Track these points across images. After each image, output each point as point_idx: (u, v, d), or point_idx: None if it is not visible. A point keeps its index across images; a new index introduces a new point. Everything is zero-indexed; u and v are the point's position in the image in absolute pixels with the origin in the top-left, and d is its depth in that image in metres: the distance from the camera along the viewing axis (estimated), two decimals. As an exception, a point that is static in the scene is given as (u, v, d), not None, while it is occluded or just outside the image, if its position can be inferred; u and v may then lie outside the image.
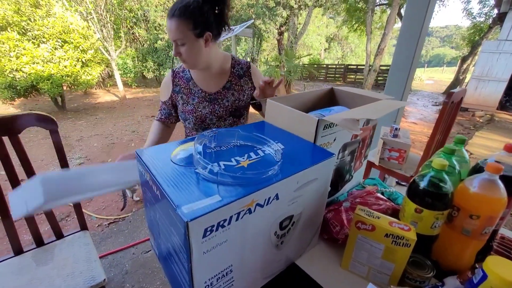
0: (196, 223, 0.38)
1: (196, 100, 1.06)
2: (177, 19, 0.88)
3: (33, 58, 4.95)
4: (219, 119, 1.09)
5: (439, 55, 46.08)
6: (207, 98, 1.06)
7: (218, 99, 1.07)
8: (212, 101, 1.07)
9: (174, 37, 0.91)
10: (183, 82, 1.07)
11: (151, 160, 0.53)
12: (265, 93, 0.97)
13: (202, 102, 1.06)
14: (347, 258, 0.62)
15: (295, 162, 0.54)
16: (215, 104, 1.07)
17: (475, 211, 0.54)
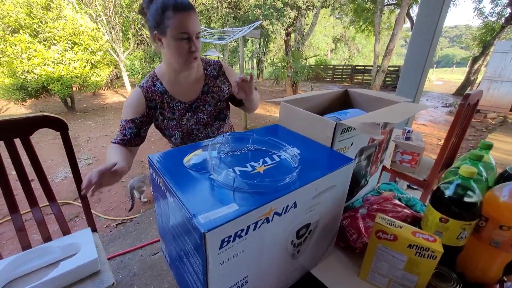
0: (214, 234, 0.36)
1: (177, 113, 0.99)
2: (194, 11, 0.84)
3: (44, 59, 5.04)
4: (205, 127, 1.03)
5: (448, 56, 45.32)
6: (188, 108, 1.00)
7: (200, 106, 1.01)
8: (195, 110, 1.01)
9: (197, 30, 0.86)
10: (157, 96, 0.96)
11: (164, 165, 0.51)
12: (244, 89, 0.91)
13: (184, 115, 1.00)
14: (365, 268, 0.59)
15: (313, 168, 0.52)
16: (198, 112, 1.01)
17: (506, 222, 0.50)
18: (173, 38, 0.84)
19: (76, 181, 1.10)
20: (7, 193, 0.99)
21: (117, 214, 2.27)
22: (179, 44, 0.85)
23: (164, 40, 0.86)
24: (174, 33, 0.83)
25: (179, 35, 0.83)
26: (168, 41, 0.85)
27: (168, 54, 0.90)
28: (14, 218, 1.04)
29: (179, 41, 0.85)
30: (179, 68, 0.93)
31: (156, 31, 0.86)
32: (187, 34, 0.84)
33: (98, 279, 0.96)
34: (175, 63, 0.91)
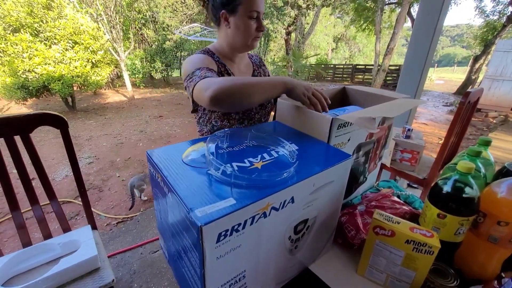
0: (210, 228, 0.36)
1: None
2: None
3: (45, 59, 5.05)
4: (261, 108, 1.02)
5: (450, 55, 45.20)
6: None
7: None
8: None
9: (263, 10, 0.87)
10: (220, 66, 0.94)
11: (162, 161, 0.51)
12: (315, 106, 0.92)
13: None
14: (363, 264, 0.60)
15: (311, 163, 0.52)
16: None
17: (504, 217, 0.50)
18: (243, 16, 0.85)
19: (76, 178, 1.11)
20: (7, 191, 0.99)
21: (117, 213, 2.28)
22: (248, 22, 0.87)
23: (232, 18, 0.87)
24: (246, 11, 0.84)
25: (250, 13, 0.85)
26: (237, 20, 0.86)
27: (234, 33, 0.90)
28: (15, 215, 1.04)
29: (249, 19, 0.86)
30: (241, 47, 0.94)
31: (224, 10, 0.86)
32: (257, 13, 0.86)
33: (98, 276, 0.97)
34: (239, 42, 0.92)
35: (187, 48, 10.07)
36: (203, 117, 0.98)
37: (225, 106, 0.68)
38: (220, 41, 0.96)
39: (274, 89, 0.70)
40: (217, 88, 0.64)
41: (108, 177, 2.96)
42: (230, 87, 0.65)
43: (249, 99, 0.67)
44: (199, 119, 1.01)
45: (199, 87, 0.71)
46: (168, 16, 8.22)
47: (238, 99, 0.66)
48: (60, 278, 0.91)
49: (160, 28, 8.99)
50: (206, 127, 1.00)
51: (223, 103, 0.66)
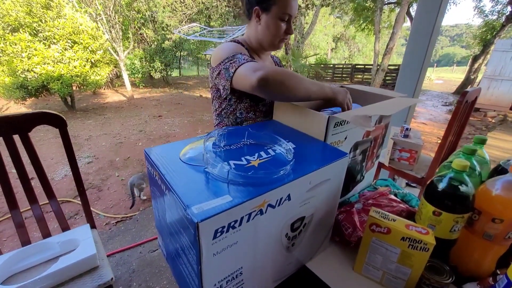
0: (207, 224, 0.36)
1: None
2: None
3: (44, 58, 5.04)
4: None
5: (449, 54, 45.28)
6: None
7: None
8: None
9: (295, 13, 0.88)
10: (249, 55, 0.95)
11: (160, 159, 0.52)
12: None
13: None
14: (360, 262, 0.60)
15: (307, 161, 0.52)
16: None
17: (498, 215, 0.51)
18: (275, 16, 0.86)
19: (75, 177, 1.11)
20: (6, 190, 1.00)
21: (116, 212, 2.28)
22: (279, 23, 0.87)
23: (264, 16, 0.88)
24: (279, 12, 0.85)
25: (282, 15, 0.86)
26: (269, 19, 0.87)
27: (263, 31, 0.90)
28: (14, 214, 1.04)
29: (280, 21, 0.87)
30: (268, 46, 0.94)
31: (258, 6, 0.86)
32: (288, 16, 0.87)
33: (96, 274, 0.97)
34: (266, 41, 0.92)
35: (186, 48, 10.07)
36: (227, 108, 0.97)
37: (269, 91, 0.68)
38: (248, 34, 0.97)
39: (319, 91, 0.72)
40: (269, 71, 0.66)
41: (107, 176, 2.96)
42: (281, 73, 0.67)
43: (294, 91, 0.67)
44: (220, 111, 0.99)
45: (246, 67, 0.72)
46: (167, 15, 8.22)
47: (285, 87, 0.67)
48: (59, 276, 0.92)
49: (160, 27, 8.99)
50: (228, 119, 0.99)
51: (270, 87, 0.66)
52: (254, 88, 0.68)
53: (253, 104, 0.94)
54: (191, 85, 10.73)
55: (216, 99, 1.00)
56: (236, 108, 0.95)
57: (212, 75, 0.91)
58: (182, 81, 11.60)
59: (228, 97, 0.95)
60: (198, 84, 11.03)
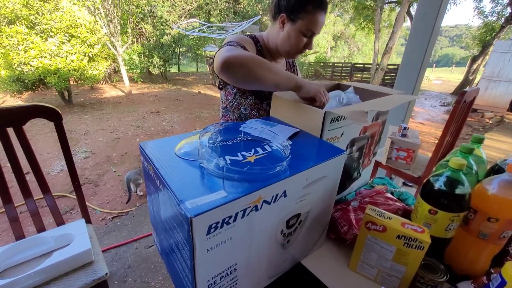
0: (200, 219, 0.36)
1: None
2: (325, 13, 0.86)
3: (41, 52, 4.98)
4: None
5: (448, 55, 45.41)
6: None
7: None
8: None
9: (319, 31, 0.87)
10: (260, 55, 0.96)
11: (155, 153, 0.51)
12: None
13: None
14: (355, 259, 0.60)
15: (304, 158, 0.52)
16: None
17: (494, 214, 0.51)
18: (299, 30, 0.85)
19: (70, 171, 1.10)
20: (0, 184, 0.98)
21: (113, 208, 2.27)
22: (300, 37, 0.87)
23: (287, 26, 0.87)
24: (303, 27, 0.84)
25: (306, 31, 0.85)
26: (292, 30, 0.86)
27: (284, 39, 0.90)
28: (8, 209, 1.03)
29: (302, 35, 0.86)
30: (284, 53, 0.94)
31: (285, 14, 0.85)
32: (311, 33, 0.86)
33: (91, 269, 0.97)
34: (283, 48, 0.92)
35: (185, 44, 10.00)
36: (232, 103, 0.97)
37: (234, 75, 0.68)
38: (269, 34, 0.96)
39: (287, 80, 0.71)
40: (233, 54, 0.65)
41: (104, 172, 2.94)
42: (245, 57, 0.66)
43: (260, 78, 0.67)
44: (226, 105, 1.00)
45: (219, 52, 0.71)
46: (167, 10, 8.14)
47: (250, 73, 0.66)
48: (53, 271, 0.91)
49: (159, 22, 8.91)
50: (233, 113, 0.99)
51: (233, 71, 0.66)
52: (220, 71, 0.67)
53: (257, 101, 0.94)
54: (189, 81, 10.67)
55: (223, 92, 1.00)
56: (240, 103, 0.96)
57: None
58: (181, 77, 11.54)
59: (233, 91, 0.95)
60: (197, 80, 10.97)
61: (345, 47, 22.61)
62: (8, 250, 0.96)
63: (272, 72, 0.69)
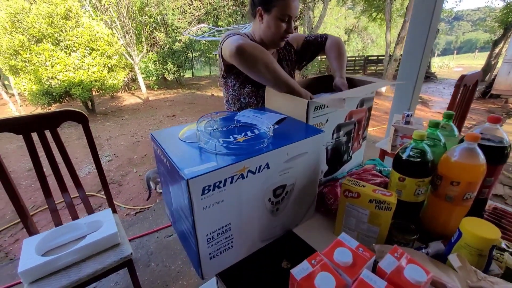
0: (195, 181, 0.47)
1: None
2: None
3: (66, 66, 5.39)
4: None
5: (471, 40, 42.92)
6: None
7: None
8: None
9: (296, 14, 0.94)
10: None
11: (163, 139, 0.63)
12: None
13: None
14: (338, 225, 0.68)
15: (285, 137, 0.61)
16: None
17: (455, 178, 0.58)
18: (276, 17, 0.93)
19: (96, 163, 1.26)
20: (42, 180, 1.16)
21: (135, 204, 2.46)
22: (279, 24, 0.94)
23: (265, 17, 0.95)
24: (279, 13, 0.92)
25: (282, 16, 0.93)
26: (269, 19, 0.95)
27: (265, 30, 0.98)
28: (48, 202, 1.21)
29: (280, 21, 0.94)
30: (269, 44, 1.02)
31: (260, 7, 0.95)
32: (288, 17, 0.94)
33: (118, 249, 1.11)
34: (267, 39, 1.00)
35: (197, 49, 10.29)
36: (233, 95, 1.08)
37: (244, 60, 0.78)
38: (253, 31, 1.05)
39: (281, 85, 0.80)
40: (247, 43, 0.76)
41: (126, 172, 3.17)
42: (256, 47, 0.77)
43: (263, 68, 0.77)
44: (228, 99, 1.11)
45: (231, 38, 0.82)
46: (177, 18, 8.45)
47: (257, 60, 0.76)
48: (86, 250, 1.07)
49: (171, 30, 9.25)
50: (234, 105, 1.10)
51: (244, 56, 0.76)
52: (232, 54, 0.77)
53: (254, 89, 1.04)
54: (203, 85, 10.97)
55: (224, 87, 1.11)
56: (240, 93, 1.06)
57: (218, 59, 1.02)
58: (194, 82, 11.88)
59: (232, 84, 1.05)
60: (210, 83, 11.25)
61: (358, 40, 22.08)
62: (50, 234, 1.12)
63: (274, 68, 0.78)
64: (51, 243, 1.11)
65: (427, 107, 6.38)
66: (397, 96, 2.10)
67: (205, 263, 0.56)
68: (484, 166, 0.56)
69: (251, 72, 0.82)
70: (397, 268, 0.40)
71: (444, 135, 0.68)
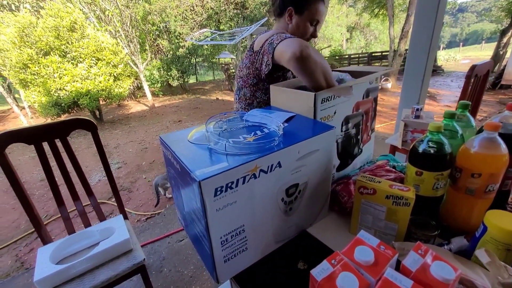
0: (207, 183, 0.46)
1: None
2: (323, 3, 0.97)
3: (73, 77, 5.51)
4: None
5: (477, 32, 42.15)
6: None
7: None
8: None
9: (323, 20, 0.98)
10: None
11: (172, 142, 0.62)
12: None
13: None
14: (354, 224, 0.67)
15: (296, 135, 0.60)
16: None
17: (476, 170, 0.55)
18: (306, 19, 0.95)
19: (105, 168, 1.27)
20: (54, 190, 1.17)
21: (146, 210, 2.47)
22: (308, 26, 0.97)
23: (295, 17, 0.97)
24: (309, 16, 0.95)
25: (312, 20, 0.96)
26: (300, 21, 0.96)
27: (293, 30, 1.00)
28: (61, 210, 1.22)
29: (309, 24, 0.97)
30: None
31: (292, 7, 0.96)
32: (316, 21, 0.97)
33: (131, 256, 1.11)
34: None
35: (200, 54, 10.39)
36: (261, 97, 1.05)
37: (304, 65, 0.74)
38: (276, 29, 1.04)
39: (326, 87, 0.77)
40: (311, 47, 0.74)
41: (135, 179, 3.20)
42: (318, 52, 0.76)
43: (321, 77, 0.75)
44: (252, 101, 1.07)
45: (294, 39, 0.79)
46: (179, 24, 8.55)
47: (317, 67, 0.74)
48: (100, 257, 1.07)
49: (173, 36, 9.37)
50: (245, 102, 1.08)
51: (307, 59, 0.73)
52: (296, 56, 0.73)
53: (267, 88, 1.00)
54: (207, 89, 11.05)
55: (248, 88, 1.05)
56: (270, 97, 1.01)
57: (254, 59, 0.98)
58: (199, 87, 11.97)
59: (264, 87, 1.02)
60: (214, 88, 11.32)
61: (361, 37, 21.92)
62: (63, 242, 1.13)
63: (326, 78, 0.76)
64: (65, 251, 1.12)
65: (435, 101, 6.26)
66: (405, 91, 2.06)
67: (220, 266, 0.55)
68: (507, 156, 0.53)
69: (309, 77, 0.76)
70: (422, 266, 0.38)
71: (460, 126, 0.66)
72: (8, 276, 1.77)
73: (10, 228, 2.35)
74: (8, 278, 1.75)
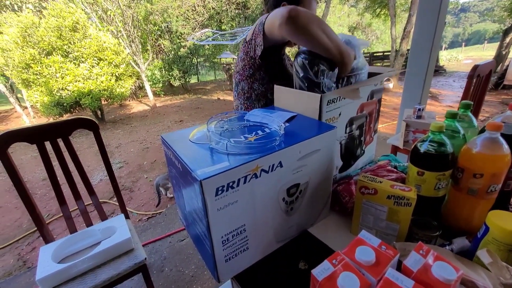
0: (209, 182, 0.46)
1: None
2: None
3: (75, 77, 5.53)
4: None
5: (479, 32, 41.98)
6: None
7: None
8: None
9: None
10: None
11: (174, 141, 0.62)
12: None
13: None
14: (355, 224, 0.66)
15: (297, 135, 0.60)
16: None
17: (478, 170, 0.55)
18: None
19: (110, 175, 1.27)
20: (56, 189, 1.18)
21: (147, 210, 2.48)
22: None
23: None
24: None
25: None
26: None
27: None
28: (63, 209, 1.22)
29: None
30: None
31: (286, 2, 0.97)
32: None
33: (132, 255, 1.12)
34: None
35: (201, 54, 10.40)
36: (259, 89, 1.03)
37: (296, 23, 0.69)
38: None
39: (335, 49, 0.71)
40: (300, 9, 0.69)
41: (137, 179, 3.20)
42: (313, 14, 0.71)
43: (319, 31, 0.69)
44: (251, 94, 1.05)
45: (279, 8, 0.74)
46: (181, 24, 8.57)
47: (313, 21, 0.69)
48: (101, 256, 1.07)
49: (175, 36, 9.39)
50: (259, 103, 1.06)
51: (300, 17, 0.68)
52: (285, 18, 0.68)
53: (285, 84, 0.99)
54: (209, 89, 11.06)
55: (245, 80, 1.03)
56: (268, 88, 0.99)
57: (247, 48, 0.97)
58: (200, 87, 11.99)
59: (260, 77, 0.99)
60: (216, 88, 11.33)
61: (362, 37, 21.87)
62: (65, 241, 1.14)
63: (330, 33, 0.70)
64: (67, 250, 1.12)
65: (437, 101, 6.24)
66: (407, 91, 2.06)
67: (221, 265, 0.55)
68: (509, 156, 0.53)
69: (306, 35, 0.70)
70: (424, 266, 0.38)
71: (462, 126, 0.65)
72: (11, 274, 1.78)
73: (13, 227, 2.36)
74: (10, 277, 1.76)
